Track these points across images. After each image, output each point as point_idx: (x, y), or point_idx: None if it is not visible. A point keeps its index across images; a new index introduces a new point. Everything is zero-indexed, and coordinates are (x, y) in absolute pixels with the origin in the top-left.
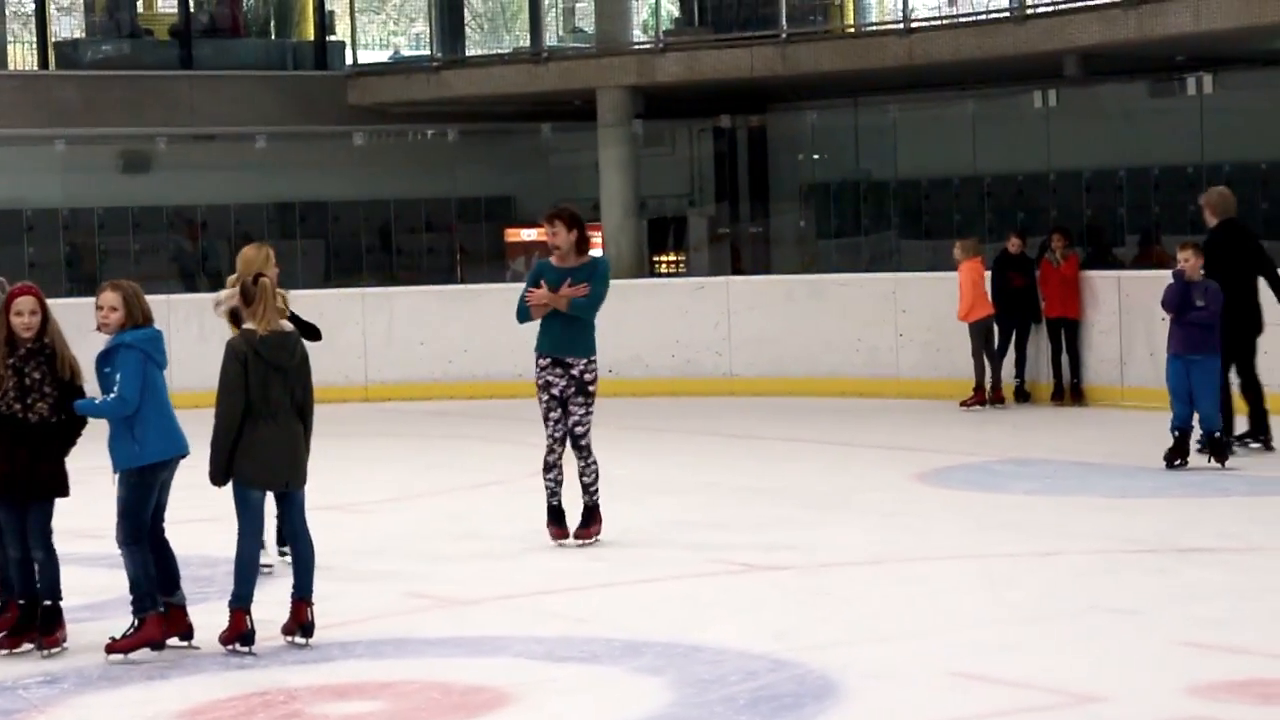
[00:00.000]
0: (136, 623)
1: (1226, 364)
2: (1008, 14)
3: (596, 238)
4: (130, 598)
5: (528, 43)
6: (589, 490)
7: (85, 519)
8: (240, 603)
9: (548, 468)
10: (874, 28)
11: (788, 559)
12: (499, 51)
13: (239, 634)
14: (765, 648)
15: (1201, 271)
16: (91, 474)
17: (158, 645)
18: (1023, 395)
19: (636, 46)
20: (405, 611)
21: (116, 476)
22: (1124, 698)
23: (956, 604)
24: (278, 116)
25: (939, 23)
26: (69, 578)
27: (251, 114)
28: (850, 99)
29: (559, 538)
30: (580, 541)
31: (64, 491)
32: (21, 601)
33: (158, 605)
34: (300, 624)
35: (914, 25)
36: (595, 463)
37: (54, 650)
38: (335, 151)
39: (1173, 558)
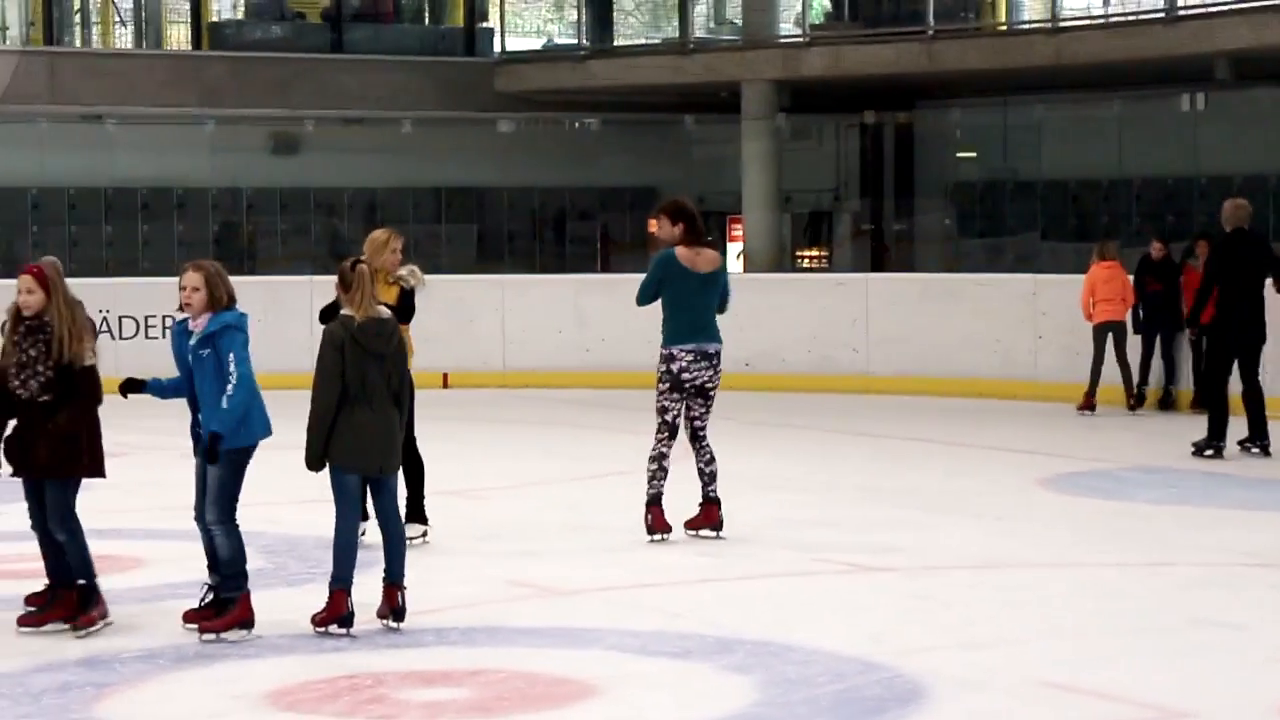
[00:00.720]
0: (212, 600)
1: (1229, 368)
2: (1158, 15)
3: (738, 230)
4: (218, 577)
5: (675, 33)
6: (712, 481)
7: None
8: (340, 584)
9: (661, 458)
10: (1022, 26)
11: (894, 561)
12: (646, 42)
13: (337, 616)
14: (858, 650)
15: None
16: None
17: (248, 624)
18: (1166, 402)
19: (782, 40)
20: (504, 599)
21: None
22: (1213, 714)
23: (1057, 613)
24: (425, 101)
25: (1088, 22)
26: (183, 554)
27: (400, 99)
28: (998, 98)
29: (662, 528)
30: (695, 532)
31: (83, 472)
32: (49, 582)
33: (248, 584)
34: (393, 608)
35: (1062, 24)
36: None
37: (90, 629)
38: (481, 138)
39: None
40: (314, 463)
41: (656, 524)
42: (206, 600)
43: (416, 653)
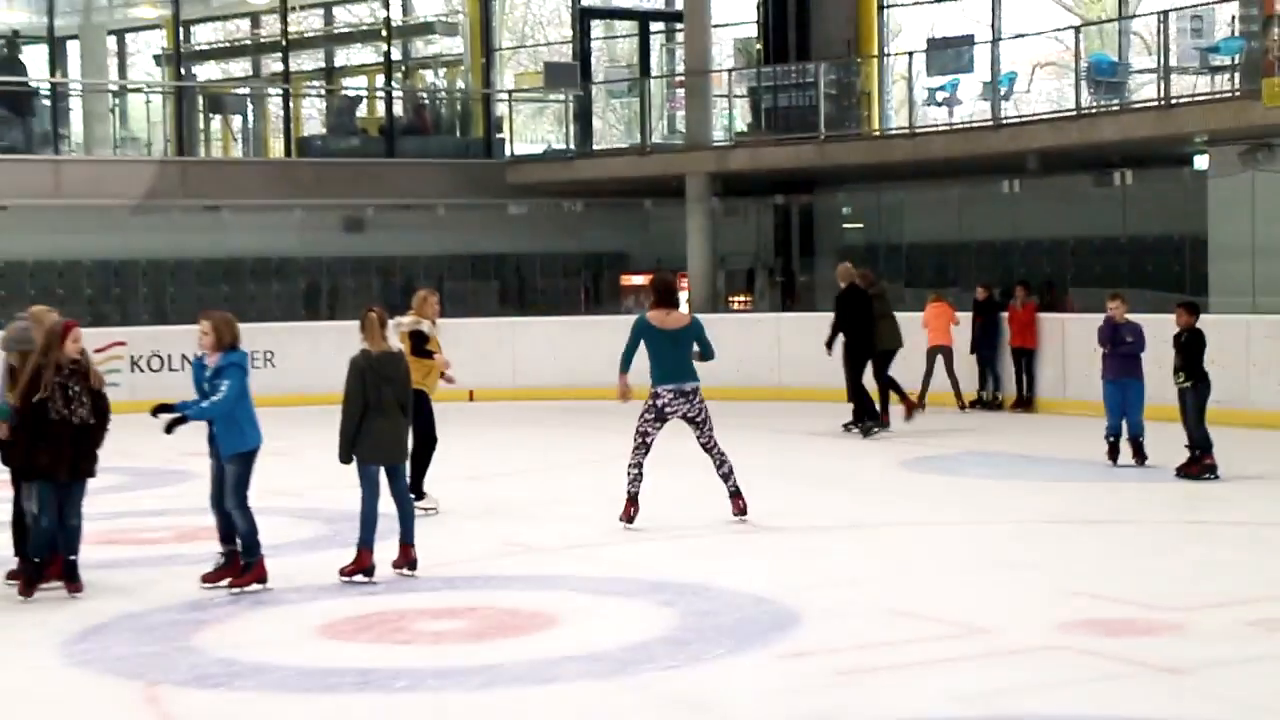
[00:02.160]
0: (240, 565)
1: (861, 373)
2: (987, 123)
3: (684, 284)
4: (239, 547)
5: (638, 139)
6: (729, 479)
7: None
8: (365, 544)
9: (638, 466)
10: (890, 131)
11: (787, 522)
12: (616, 146)
13: (363, 568)
14: (754, 589)
15: (1126, 316)
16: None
17: (263, 579)
18: (993, 404)
19: (715, 144)
20: (499, 555)
21: (223, 459)
22: (1008, 630)
23: (904, 559)
24: (456, 191)
25: (937, 129)
26: (265, 525)
27: (437, 189)
28: (873, 184)
29: (626, 518)
30: (740, 519)
31: (94, 474)
32: (37, 560)
33: (261, 551)
34: (408, 560)
35: (918, 131)
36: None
37: (79, 594)
38: (497, 218)
39: (1076, 528)
40: (344, 458)
41: (624, 513)
42: (221, 564)
43: (431, 595)
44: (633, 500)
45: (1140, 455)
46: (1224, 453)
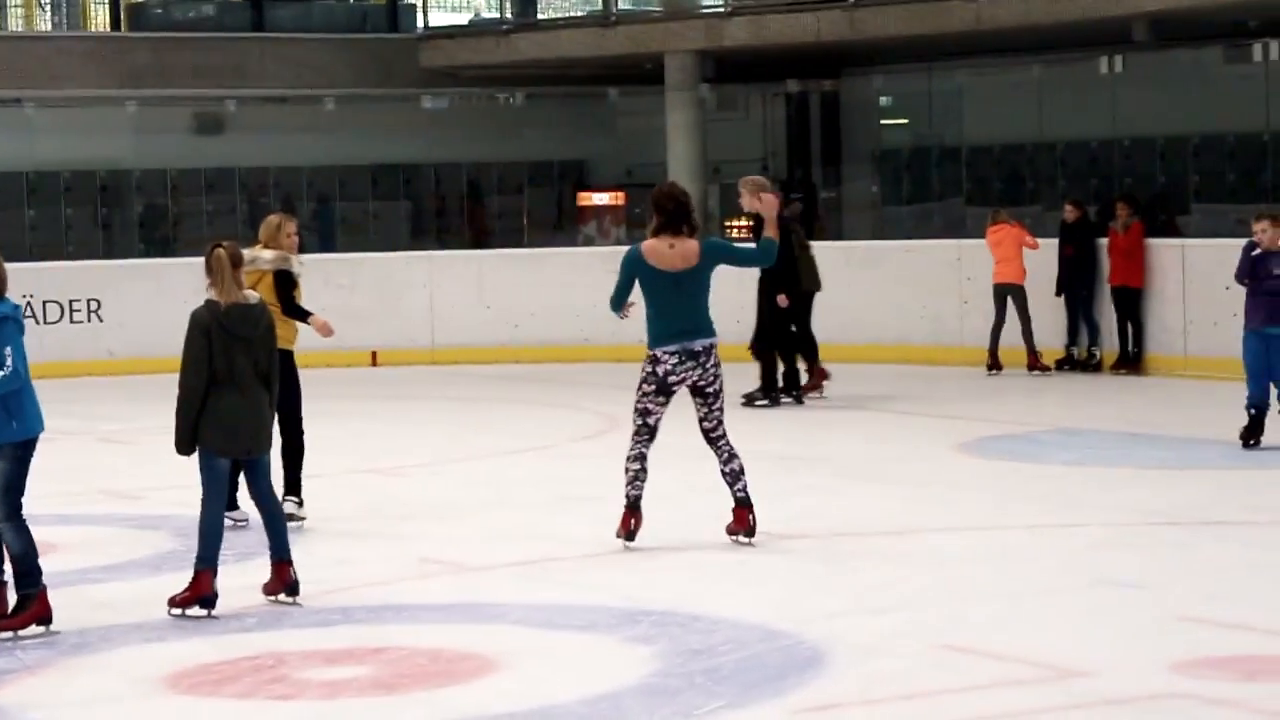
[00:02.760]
0: (19, 599)
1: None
2: None
3: None
4: (8, 575)
5: (599, 5)
6: (737, 480)
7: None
8: (205, 564)
9: (640, 458)
10: None
11: (806, 528)
12: (569, 15)
13: (200, 596)
14: (761, 618)
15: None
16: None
17: (45, 620)
18: (1088, 364)
19: (704, 10)
20: (415, 577)
21: None
22: (1107, 673)
23: (962, 577)
24: (349, 79)
25: None
26: (93, 539)
27: (323, 77)
28: (920, 64)
29: (625, 533)
30: (734, 538)
31: None
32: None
33: (42, 579)
34: (285, 584)
35: None
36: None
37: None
38: (407, 114)
39: (1192, 531)
40: (183, 446)
41: (622, 526)
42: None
43: (322, 632)
44: (633, 508)
45: None
46: None
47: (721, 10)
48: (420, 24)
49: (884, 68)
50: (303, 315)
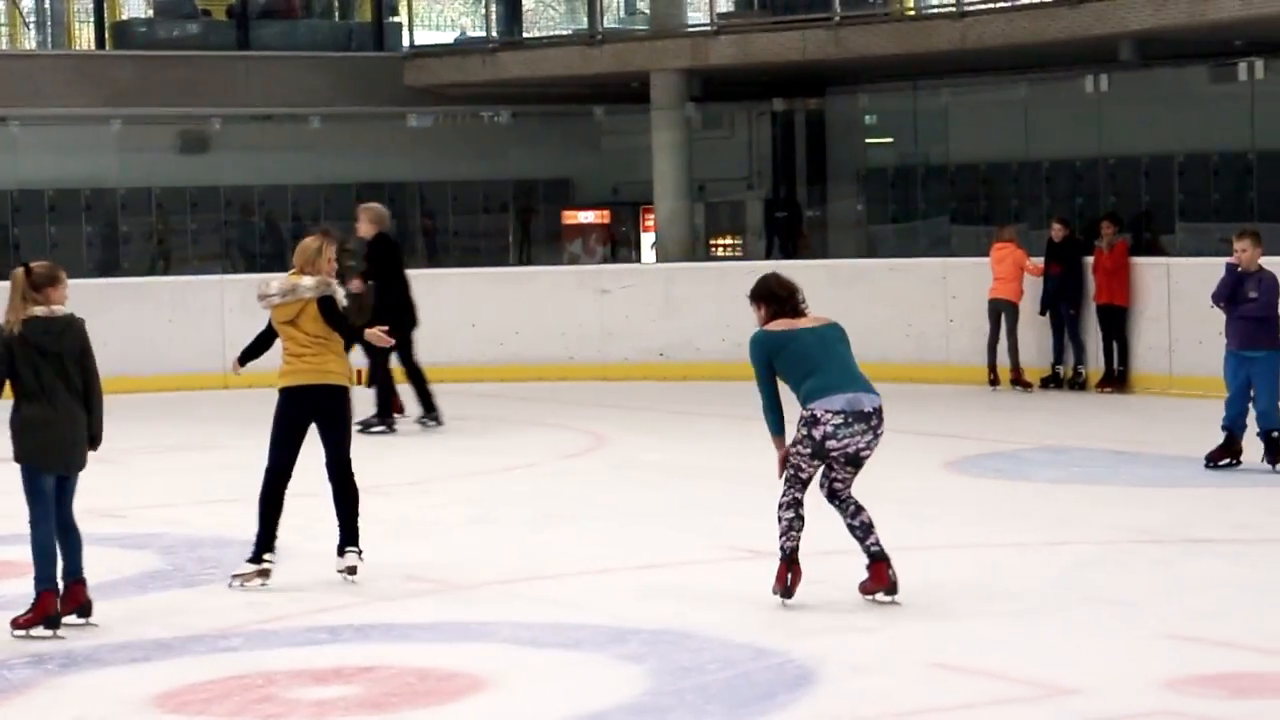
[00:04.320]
0: None
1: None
2: None
3: (650, 220)
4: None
5: (585, 25)
6: (869, 534)
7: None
8: (46, 584)
9: (797, 505)
10: (928, 10)
11: None
12: (555, 34)
13: (44, 616)
14: (751, 636)
15: (1259, 263)
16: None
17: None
18: (1074, 382)
19: (690, 29)
20: (401, 596)
21: None
22: (1098, 690)
23: (950, 594)
24: (335, 98)
25: (993, 6)
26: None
27: (308, 95)
28: (906, 83)
29: (782, 588)
30: (871, 597)
31: None
32: None
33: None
34: (77, 605)
35: (967, 8)
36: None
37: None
38: (391, 133)
39: (1180, 549)
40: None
41: (794, 584)
42: None
43: (310, 651)
44: (789, 560)
45: (1275, 454)
46: None
47: (707, 29)
48: (406, 43)
49: (869, 86)
50: (357, 336)
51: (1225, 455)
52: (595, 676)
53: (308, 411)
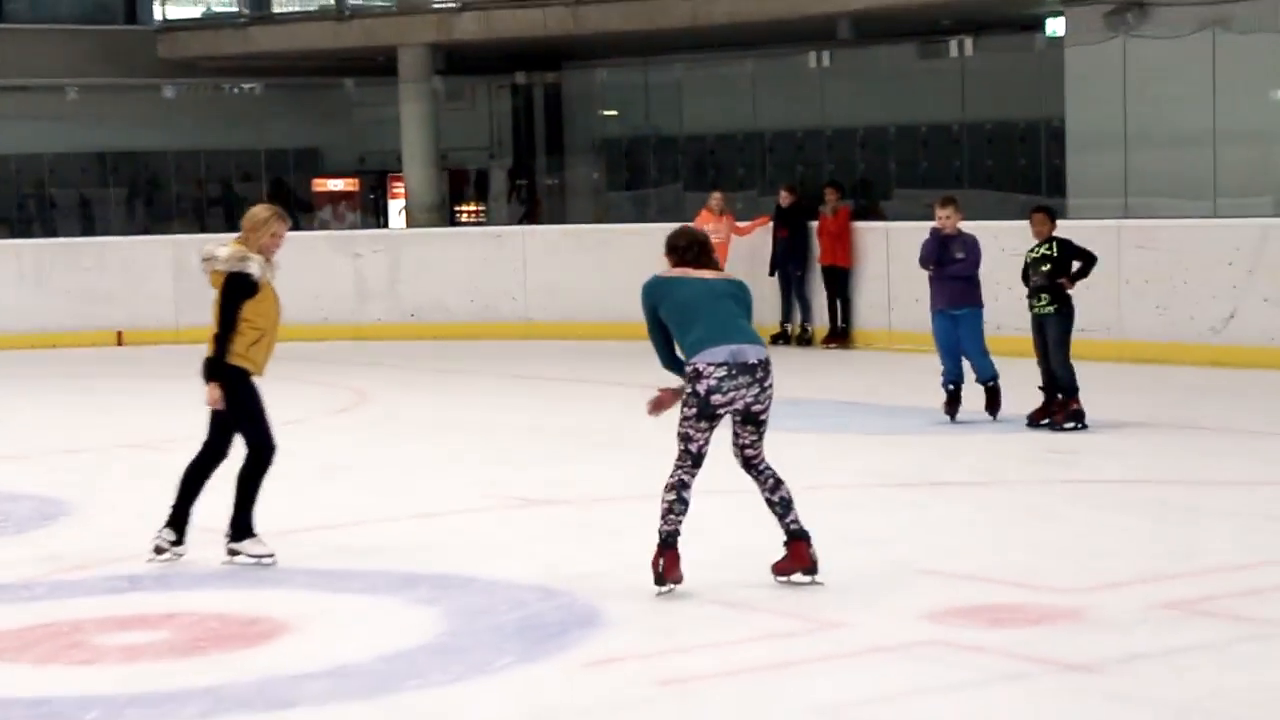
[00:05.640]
0: None
1: None
2: None
3: (399, 188)
4: None
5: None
6: (788, 511)
7: None
8: None
9: (681, 487)
10: None
11: (562, 494)
12: (304, 9)
13: None
14: (536, 579)
15: (958, 227)
16: None
17: None
18: (801, 339)
19: (436, 5)
20: (195, 545)
21: None
22: (863, 623)
23: (711, 538)
24: (89, 69)
25: None
26: None
27: (63, 66)
28: (640, 58)
29: (673, 578)
30: (785, 578)
31: None
32: None
33: None
34: None
35: None
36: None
37: None
38: (146, 104)
39: (927, 491)
40: None
41: (667, 571)
42: None
43: (114, 599)
44: (668, 546)
45: (995, 403)
46: (1090, 394)
47: (453, 5)
48: (158, 15)
49: (606, 61)
50: (222, 341)
51: (954, 408)
52: (393, 619)
53: None
